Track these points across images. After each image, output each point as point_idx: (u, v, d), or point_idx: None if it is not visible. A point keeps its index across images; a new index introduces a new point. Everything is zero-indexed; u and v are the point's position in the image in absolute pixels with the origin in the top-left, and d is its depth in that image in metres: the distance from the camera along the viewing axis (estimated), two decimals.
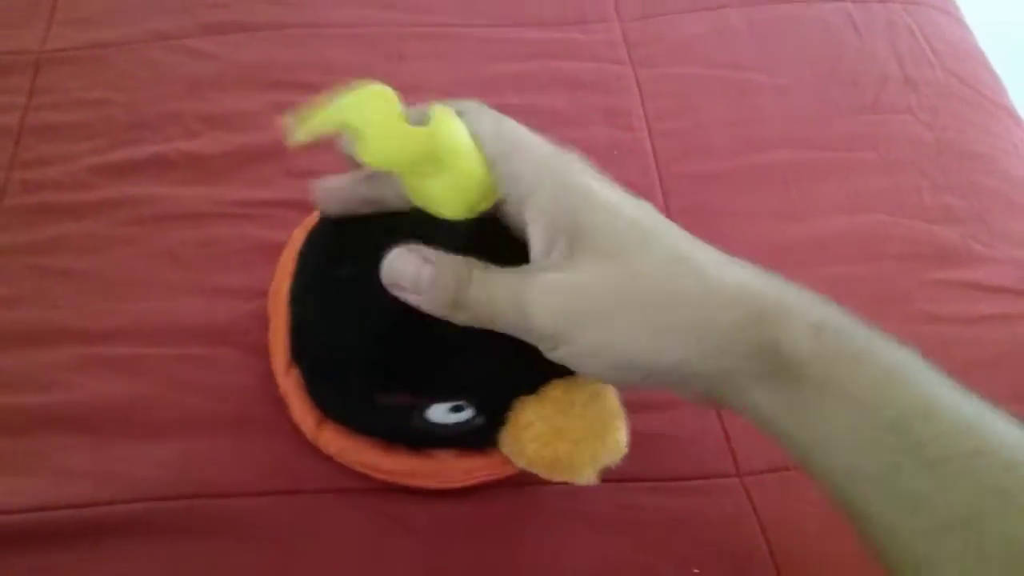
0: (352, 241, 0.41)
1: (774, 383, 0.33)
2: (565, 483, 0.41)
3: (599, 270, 0.33)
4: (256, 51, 0.65)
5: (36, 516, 0.42)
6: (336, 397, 0.43)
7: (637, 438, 0.42)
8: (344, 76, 0.63)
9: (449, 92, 0.59)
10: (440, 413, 0.40)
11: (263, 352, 0.48)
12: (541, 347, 0.35)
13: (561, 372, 0.41)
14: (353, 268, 0.40)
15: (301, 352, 0.44)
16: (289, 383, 0.44)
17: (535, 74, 0.66)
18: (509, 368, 0.40)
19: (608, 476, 0.45)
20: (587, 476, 0.42)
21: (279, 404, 0.46)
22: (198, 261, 0.53)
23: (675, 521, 0.45)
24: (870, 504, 0.33)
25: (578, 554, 0.43)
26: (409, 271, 0.36)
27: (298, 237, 0.46)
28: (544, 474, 0.42)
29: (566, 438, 0.41)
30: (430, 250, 0.36)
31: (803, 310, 0.33)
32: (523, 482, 0.44)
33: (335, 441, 0.43)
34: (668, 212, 0.58)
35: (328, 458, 0.44)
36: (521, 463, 0.42)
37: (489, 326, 0.35)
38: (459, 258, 0.36)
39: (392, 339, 0.40)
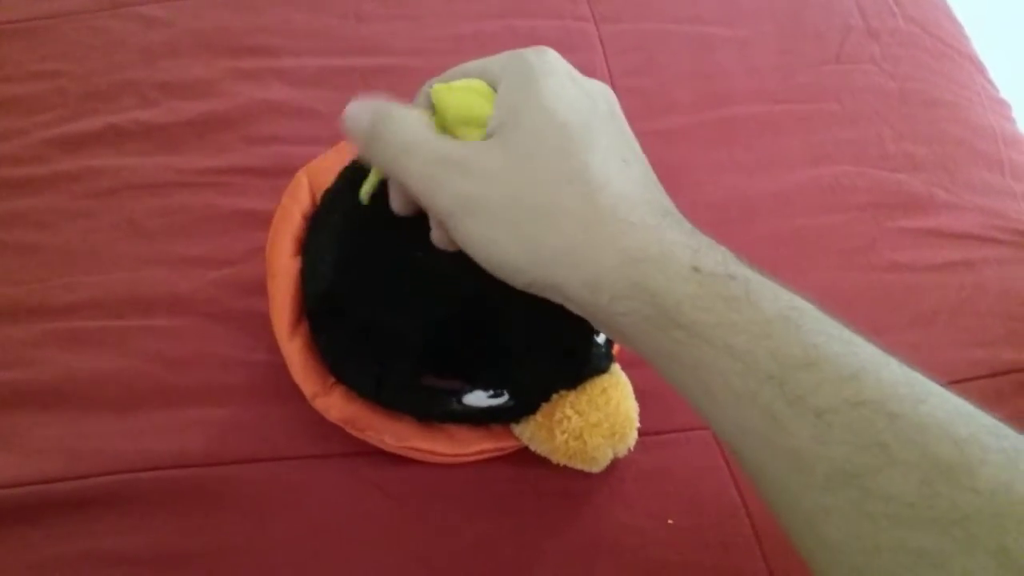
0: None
1: (654, 327, 0.32)
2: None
3: (504, 164, 0.33)
4: (210, 16, 0.64)
5: (8, 492, 0.41)
6: (375, 377, 0.42)
7: None
8: (302, 39, 0.63)
9: (409, 53, 0.59)
10: (479, 398, 0.41)
11: (229, 321, 0.47)
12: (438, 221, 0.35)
13: (602, 370, 0.42)
14: (422, 251, 0.38)
15: (331, 331, 0.42)
16: (293, 346, 0.43)
17: (497, 33, 0.65)
18: (558, 365, 0.41)
19: None
20: (602, 466, 0.43)
21: (249, 372, 0.46)
22: (159, 231, 0.52)
23: (648, 475, 0.45)
24: (758, 459, 0.31)
25: (554, 512, 0.44)
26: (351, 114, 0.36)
27: (288, 203, 0.45)
28: (562, 461, 0.43)
29: (597, 433, 0.42)
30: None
31: (686, 252, 0.32)
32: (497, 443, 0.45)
33: (345, 408, 0.43)
34: None
35: (303, 424, 0.44)
36: (542, 449, 0.43)
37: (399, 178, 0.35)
38: (395, 106, 0.35)
39: (453, 328, 0.40)
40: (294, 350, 0.43)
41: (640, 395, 0.45)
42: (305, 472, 0.43)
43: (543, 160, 0.33)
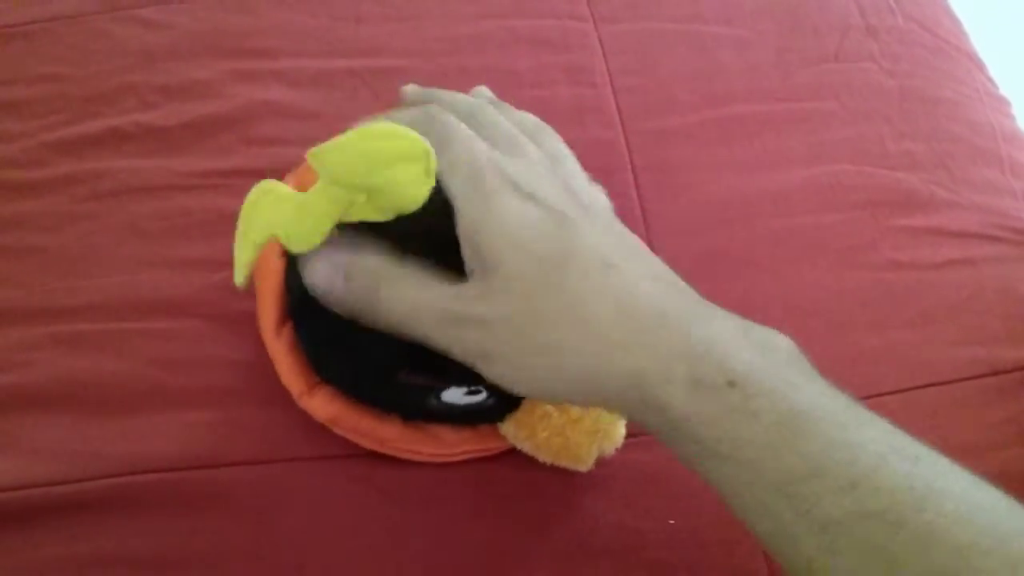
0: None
1: (672, 440, 0.34)
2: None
3: (504, 312, 0.34)
4: (209, 19, 0.64)
5: (9, 496, 0.41)
6: (353, 371, 0.42)
7: None
8: (300, 41, 0.63)
9: (408, 54, 0.59)
10: (456, 395, 0.41)
11: (230, 323, 0.47)
12: None
13: None
14: (401, 247, 0.39)
15: (311, 322, 0.42)
16: (279, 346, 0.43)
17: (495, 34, 0.65)
18: None
19: None
20: (588, 464, 0.43)
21: (249, 374, 0.46)
22: (160, 234, 0.52)
23: (648, 476, 0.45)
24: (777, 555, 0.33)
25: (554, 514, 0.44)
26: (321, 282, 0.37)
27: None
28: (548, 460, 0.43)
29: (579, 429, 0.42)
30: (343, 257, 0.37)
31: (682, 366, 0.32)
32: (496, 445, 0.45)
33: (327, 407, 0.43)
34: (633, 169, 0.58)
35: (303, 425, 0.44)
36: (526, 447, 0.43)
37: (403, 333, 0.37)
38: (373, 262, 0.37)
39: None
40: (280, 349, 0.43)
41: None
42: (306, 474, 0.44)
43: (535, 302, 0.34)
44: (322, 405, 0.43)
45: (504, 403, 0.42)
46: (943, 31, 0.71)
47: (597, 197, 0.41)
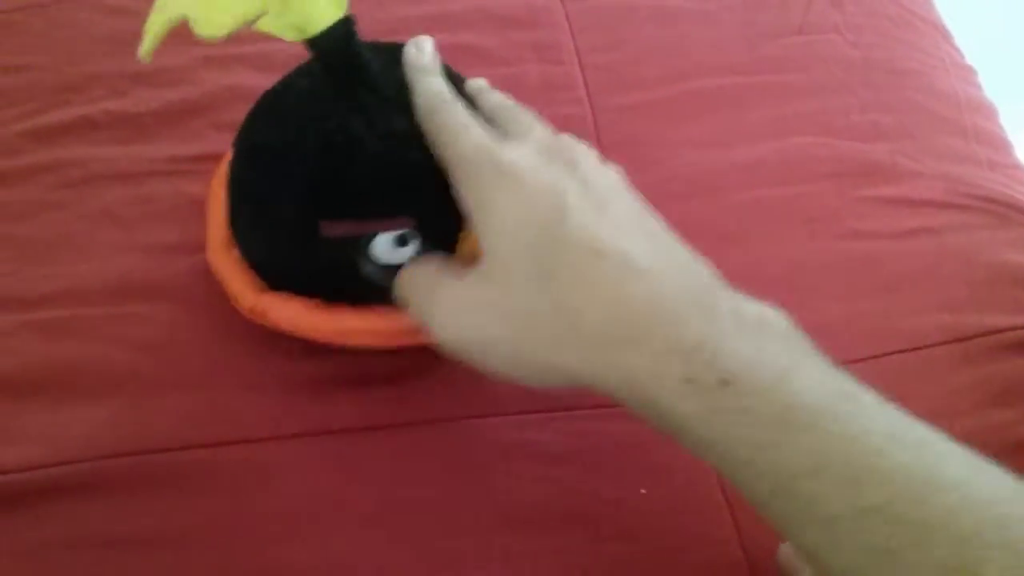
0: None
1: (667, 432, 0.34)
2: None
3: (491, 296, 0.35)
4: None
5: None
6: (278, 237, 0.42)
7: None
8: None
9: (376, 34, 0.59)
10: (386, 247, 0.40)
11: (204, 307, 0.48)
12: None
13: None
14: (310, 80, 0.40)
15: (238, 191, 0.43)
16: (228, 260, 0.44)
17: (463, 12, 0.65)
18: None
19: (555, 405, 0.47)
20: None
21: (225, 357, 0.46)
22: (133, 220, 0.52)
23: (621, 445, 0.46)
24: (786, 537, 0.33)
25: (526, 484, 0.45)
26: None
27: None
28: None
29: None
30: None
31: (676, 363, 0.32)
32: (472, 415, 0.46)
33: (275, 308, 0.43)
34: (601, 146, 0.58)
35: (281, 405, 0.45)
36: None
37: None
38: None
39: (339, 151, 0.39)
40: (229, 262, 0.44)
41: None
42: (280, 452, 0.44)
43: (527, 294, 0.34)
44: (271, 306, 0.43)
45: (435, 244, 0.41)
46: (908, 1, 0.72)
47: (605, 175, 0.39)
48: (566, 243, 0.34)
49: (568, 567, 0.42)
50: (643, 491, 0.44)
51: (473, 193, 0.36)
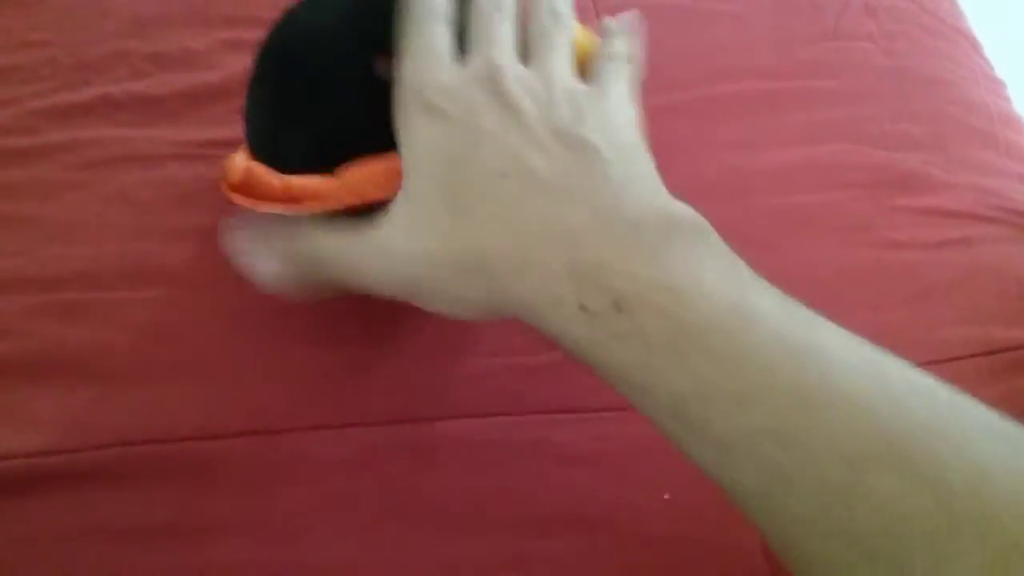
0: None
1: (575, 358, 0.32)
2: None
3: (410, 228, 0.33)
4: None
5: (1, 465, 0.41)
6: (346, 94, 0.38)
7: None
8: None
9: None
10: None
11: (222, 294, 0.47)
12: None
13: None
14: None
15: (283, 76, 0.40)
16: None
17: None
18: None
19: (578, 407, 0.46)
20: None
21: (243, 344, 0.45)
22: (151, 203, 0.51)
23: (644, 449, 0.45)
24: (690, 461, 0.32)
25: (545, 485, 0.44)
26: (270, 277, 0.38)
27: None
28: None
29: None
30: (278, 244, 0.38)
31: (570, 286, 0.30)
32: (492, 413, 0.45)
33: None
34: None
35: (298, 396, 0.44)
36: None
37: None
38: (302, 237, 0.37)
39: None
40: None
41: None
42: (299, 444, 0.43)
43: (435, 217, 0.33)
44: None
45: None
46: (940, 11, 0.71)
47: (543, 80, 0.35)
48: (476, 170, 0.32)
49: (585, 572, 0.41)
50: (666, 496, 0.44)
51: (399, 122, 0.34)
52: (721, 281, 0.30)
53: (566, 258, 0.31)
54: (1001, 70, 0.72)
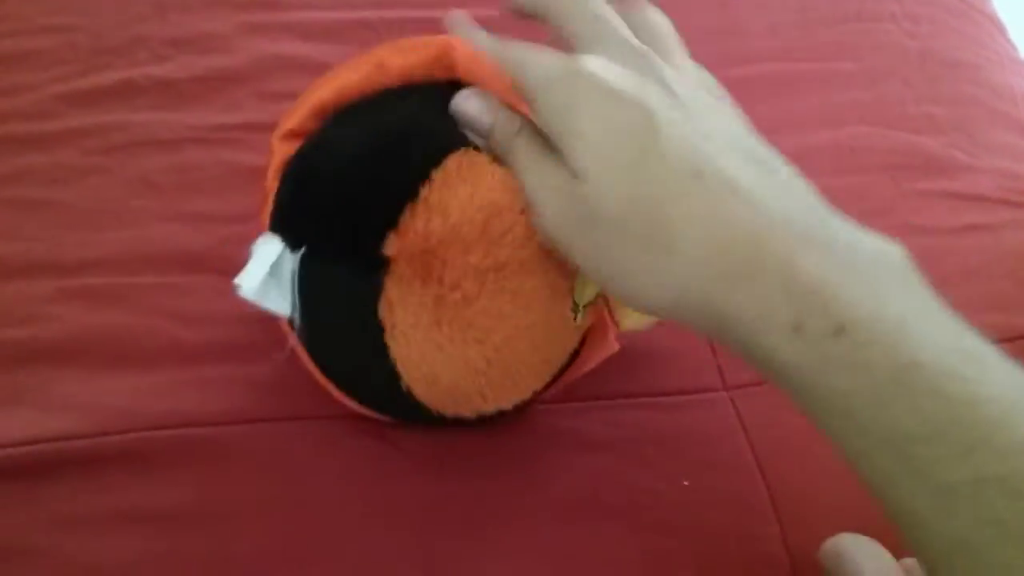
0: None
1: (770, 379, 0.31)
2: None
3: (585, 210, 0.31)
4: None
5: (26, 449, 0.41)
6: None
7: (624, 355, 0.42)
8: None
9: (422, 6, 0.58)
10: None
11: None
12: None
13: None
14: None
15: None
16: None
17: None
18: None
19: (596, 394, 0.45)
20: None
21: (263, 330, 0.45)
22: (172, 188, 0.51)
23: (663, 436, 0.45)
24: (882, 502, 0.30)
25: (565, 472, 0.44)
26: (472, 112, 0.36)
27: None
28: None
29: None
30: (494, 99, 0.36)
31: (786, 305, 0.29)
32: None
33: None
34: None
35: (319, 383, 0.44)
36: None
37: None
38: (514, 118, 0.35)
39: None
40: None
41: (655, 356, 0.45)
42: (323, 431, 0.43)
43: (624, 214, 0.31)
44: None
45: None
46: None
47: (696, 81, 0.36)
48: (662, 159, 0.30)
49: (604, 558, 0.41)
50: (686, 483, 0.44)
51: (555, 115, 0.32)
52: (941, 321, 0.29)
53: (782, 273, 0.29)
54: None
